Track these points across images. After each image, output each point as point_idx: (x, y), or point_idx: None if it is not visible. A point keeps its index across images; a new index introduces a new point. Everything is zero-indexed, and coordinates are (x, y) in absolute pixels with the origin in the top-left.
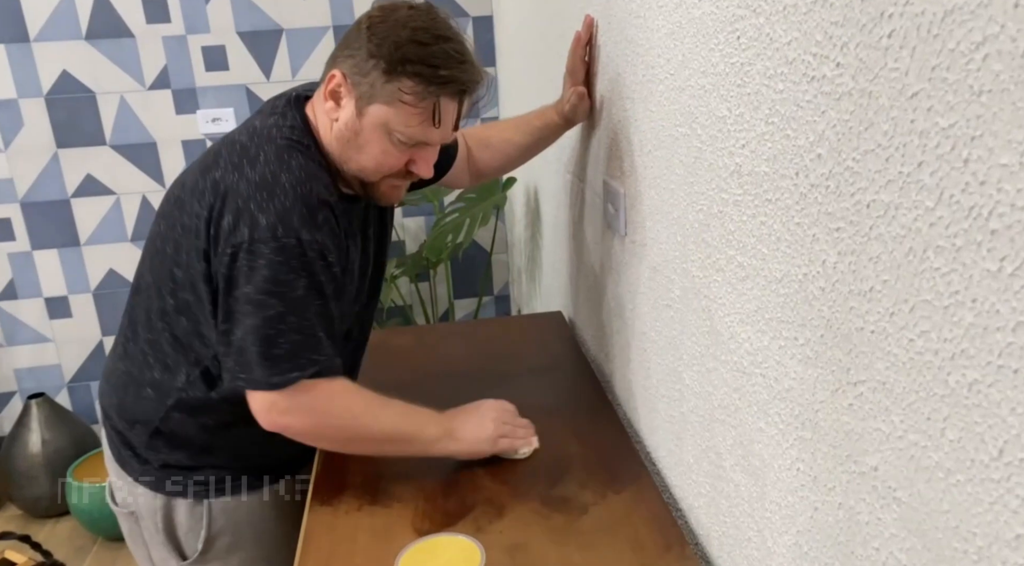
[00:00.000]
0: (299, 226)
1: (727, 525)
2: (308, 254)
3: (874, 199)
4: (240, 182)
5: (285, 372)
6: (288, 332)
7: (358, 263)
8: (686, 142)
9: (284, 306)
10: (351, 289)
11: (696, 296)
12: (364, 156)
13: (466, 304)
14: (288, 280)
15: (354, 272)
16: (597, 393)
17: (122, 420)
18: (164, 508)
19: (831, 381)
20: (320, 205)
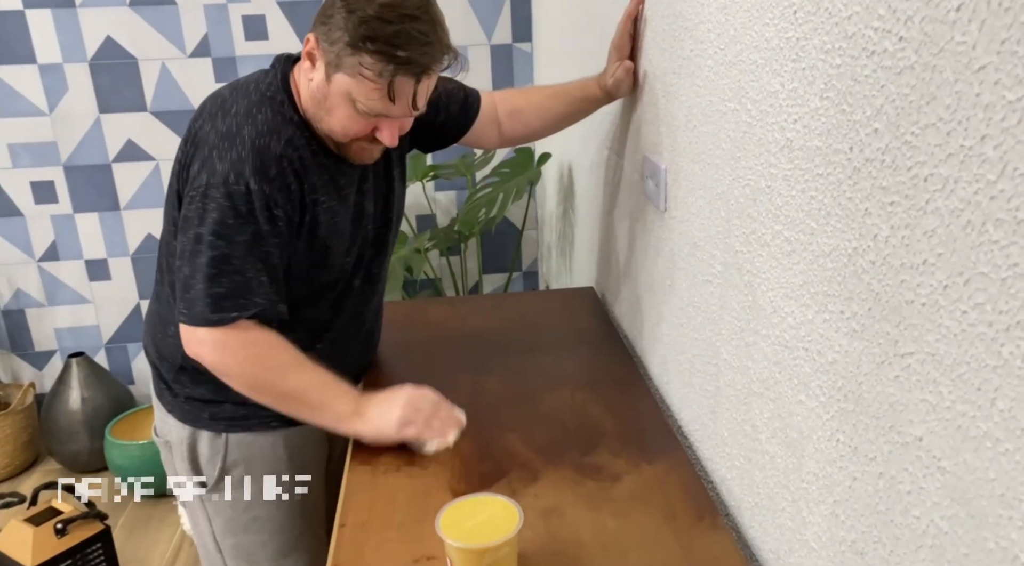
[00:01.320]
0: (250, 176)
1: (760, 496)
2: (255, 202)
3: (932, 173)
4: (211, 132)
5: (226, 310)
6: (231, 273)
7: (346, 216)
8: (734, 117)
9: (229, 249)
10: (338, 242)
11: (738, 271)
12: (332, 119)
13: (495, 279)
14: (234, 224)
15: (338, 225)
16: (628, 367)
17: (156, 356)
18: (190, 438)
19: (877, 353)
20: (276, 159)
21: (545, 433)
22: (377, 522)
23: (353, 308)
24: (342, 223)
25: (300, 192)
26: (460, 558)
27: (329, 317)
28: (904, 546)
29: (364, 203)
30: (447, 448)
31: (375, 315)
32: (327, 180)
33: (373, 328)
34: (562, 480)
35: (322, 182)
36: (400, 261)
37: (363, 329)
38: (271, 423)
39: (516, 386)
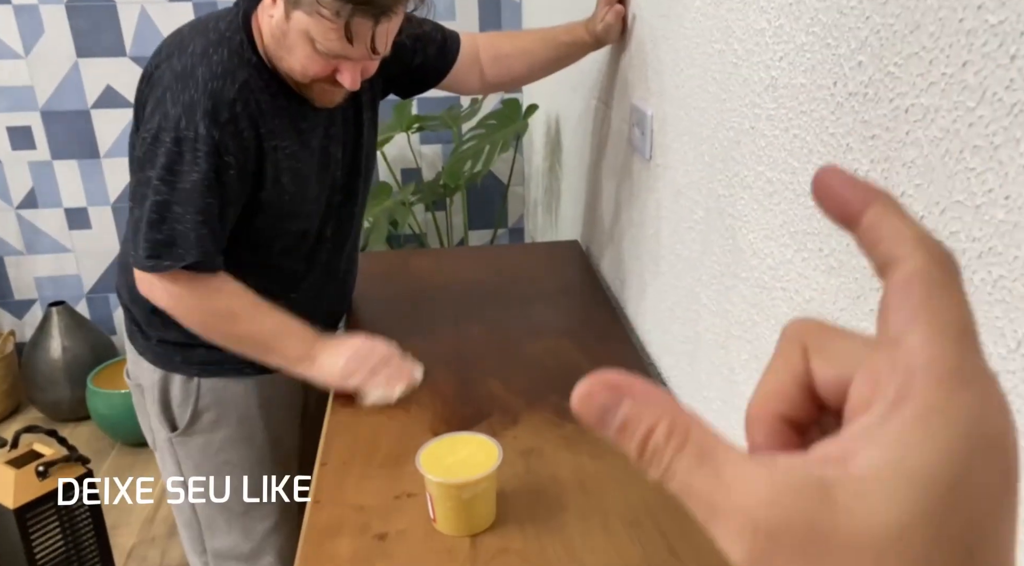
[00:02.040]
0: (200, 119)
1: (738, 439)
2: (202, 148)
3: (913, 103)
4: (166, 72)
5: (161, 258)
6: (171, 221)
7: (311, 161)
8: (720, 58)
9: (172, 196)
10: (303, 188)
11: (720, 215)
12: (292, 59)
13: (481, 235)
14: (180, 171)
15: (301, 171)
16: (611, 317)
17: (128, 299)
18: (162, 381)
19: (854, 288)
20: (229, 103)
21: (526, 378)
22: (358, 461)
23: (326, 257)
24: (307, 168)
25: (256, 138)
26: (439, 493)
27: (304, 268)
28: None
29: (331, 148)
30: (388, 401)
31: (348, 262)
32: (287, 124)
33: (347, 276)
34: (542, 422)
35: (282, 126)
36: (384, 213)
37: (337, 277)
38: (244, 369)
39: (498, 335)
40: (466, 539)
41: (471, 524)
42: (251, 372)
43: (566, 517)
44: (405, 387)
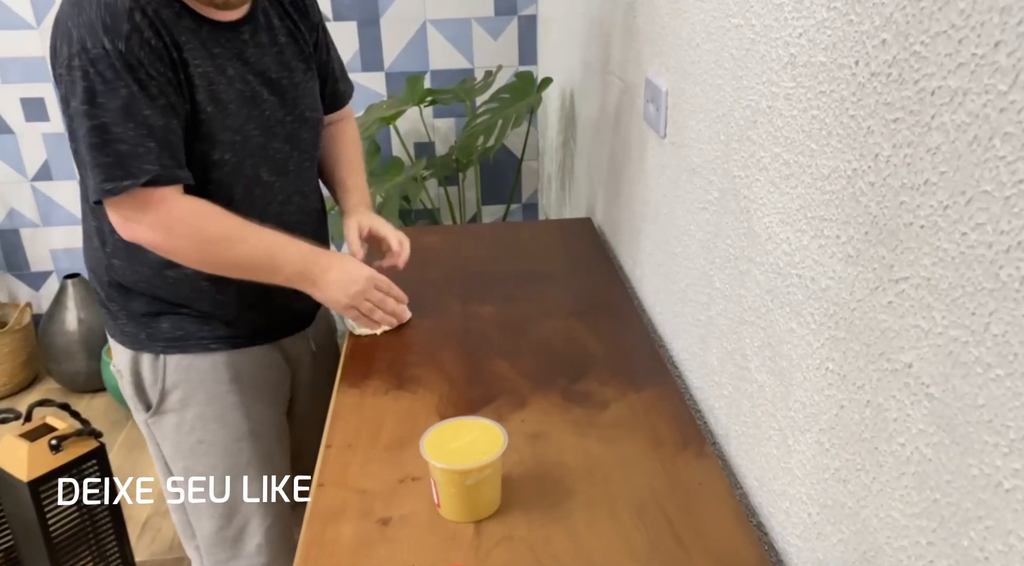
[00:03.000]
0: (103, 35)
1: (747, 424)
2: (115, 63)
3: (940, 85)
4: (64, 7)
5: (117, 179)
6: (114, 142)
7: (229, 89)
8: (738, 34)
9: (107, 116)
10: (220, 112)
11: (735, 197)
12: None
13: (494, 210)
14: (104, 90)
15: (217, 94)
16: (622, 297)
17: (92, 276)
18: (132, 362)
19: (871, 279)
20: (126, 13)
21: (534, 360)
22: (363, 443)
23: (276, 209)
24: (224, 94)
25: (165, 48)
26: (443, 479)
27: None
28: (887, 473)
29: (253, 83)
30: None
31: (306, 221)
32: (197, 44)
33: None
34: (549, 406)
35: (192, 44)
36: (397, 188)
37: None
38: (210, 345)
39: (508, 313)
40: (470, 525)
41: (475, 510)
42: (217, 346)
43: (572, 504)
44: (389, 326)
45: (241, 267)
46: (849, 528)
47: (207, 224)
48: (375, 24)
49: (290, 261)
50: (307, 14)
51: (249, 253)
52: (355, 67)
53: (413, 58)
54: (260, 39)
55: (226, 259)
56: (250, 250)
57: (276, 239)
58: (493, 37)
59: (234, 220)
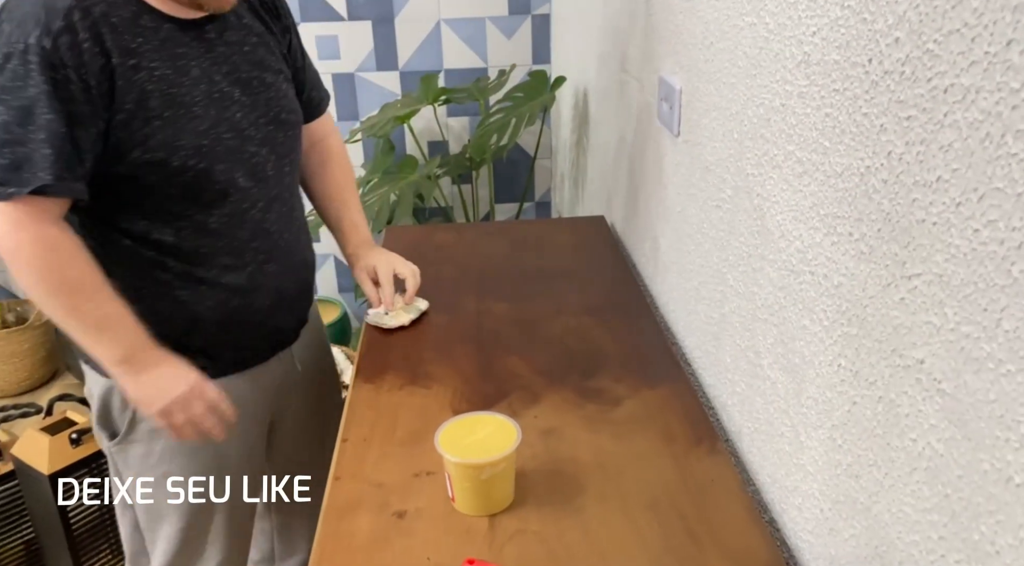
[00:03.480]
0: (31, 31)
1: (760, 421)
2: (32, 59)
3: (953, 83)
4: (8, 2)
5: (5, 184)
6: (12, 143)
7: (192, 90)
8: (752, 32)
9: (8, 115)
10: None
11: (748, 195)
12: None
13: (507, 209)
14: (13, 87)
15: (178, 98)
16: (635, 295)
17: None
18: (105, 390)
19: (884, 276)
20: (64, 11)
21: (548, 357)
22: (378, 438)
23: (255, 216)
24: (187, 96)
25: (102, 53)
26: (458, 473)
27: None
28: (899, 469)
29: (221, 83)
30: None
31: (289, 230)
32: (157, 45)
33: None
34: (562, 402)
35: (151, 46)
36: (410, 187)
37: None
38: None
39: (521, 310)
40: (484, 519)
41: (489, 504)
42: None
43: (585, 499)
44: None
45: (71, 322)
46: (861, 524)
47: (69, 264)
48: (389, 23)
49: (119, 340)
50: (279, 15)
51: (89, 311)
52: (369, 66)
53: (427, 57)
54: (229, 37)
55: (66, 306)
56: (94, 310)
57: (117, 313)
58: (507, 36)
59: (98, 275)
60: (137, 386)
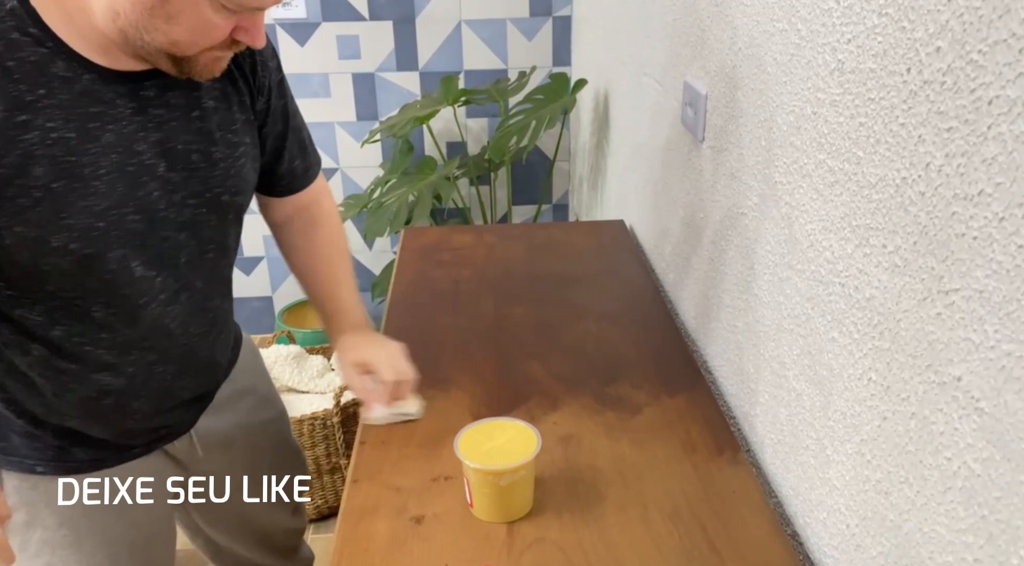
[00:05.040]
0: None
1: (784, 433)
2: None
3: (998, 95)
4: None
5: None
6: None
7: (99, 160)
8: (783, 38)
9: None
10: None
11: (776, 203)
12: (176, 27)
13: (525, 210)
14: None
15: (75, 169)
16: (655, 301)
17: None
18: None
19: (919, 290)
20: None
21: (567, 362)
22: (397, 441)
23: (154, 311)
24: (89, 167)
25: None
26: (477, 479)
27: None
28: (932, 487)
29: (144, 154)
30: None
31: (196, 324)
32: (65, 99)
33: (199, 345)
34: (582, 409)
35: (55, 100)
36: (429, 187)
37: (178, 344)
38: (58, 466)
39: (540, 315)
40: (503, 526)
41: (508, 511)
42: (58, 473)
43: (604, 507)
44: None
45: None
46: (890, 541)
47: None
48: (410, 23)
49: None
50: (254, 73)
51: None
52: (390, 66)
53: (448, 58)
54: (173, 98)
55: None
56: None
57: None
58: (527, 38)
59: None
60: None
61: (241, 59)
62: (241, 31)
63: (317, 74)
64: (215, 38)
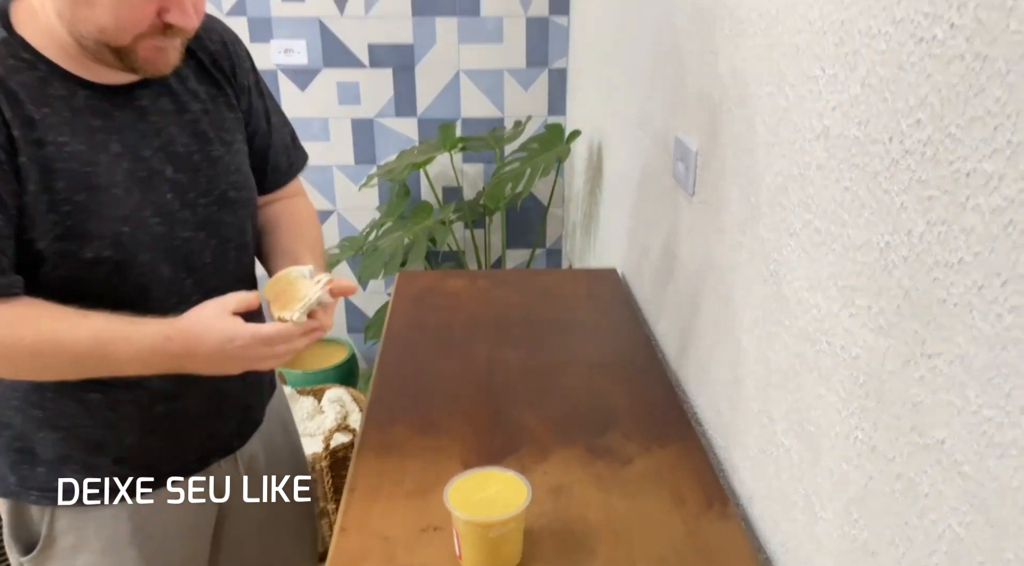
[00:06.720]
0: None
1: (772, 488)
2: None
3: (975, 168)
4: None
5: None
6: None
7: (113, 169)
8: (771, 101)
9: None
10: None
11: (764, 260)
12: (97, 11)
13: (518, 254)
14: None
15: (91, 177)
16: (647, 350)
17: None
18: (14, 506)
19: (903, 352)
20: None
21: (559, 411)
22: (386, 489)
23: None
24: (104, 176)
25: (4, 124)
26: (467, 531)
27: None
28: (918, 549)
29: (151, 159)
30: None
31: None
32: (66, 116)
33: None
34: (573, 459)
35: (57, 118)
36: (424, 232)
37: None
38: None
39: (533, 362)
40: None
41: (497, 563)
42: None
43: (593, 561)
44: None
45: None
46: None
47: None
48: (410, 71)
49: (131, 354)
50: (235, 74)
51: (74, 364)
52: (389, 112)
53: (446, 105)
54: (164, 105)
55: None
56: (73, 360)
57: (98, 337)
58: (524, 88)
59: (47, 327)
60: (201, 370)
61: (220, 61)
62: (165, 11)
63: (317, 118)
64: (139, 20)
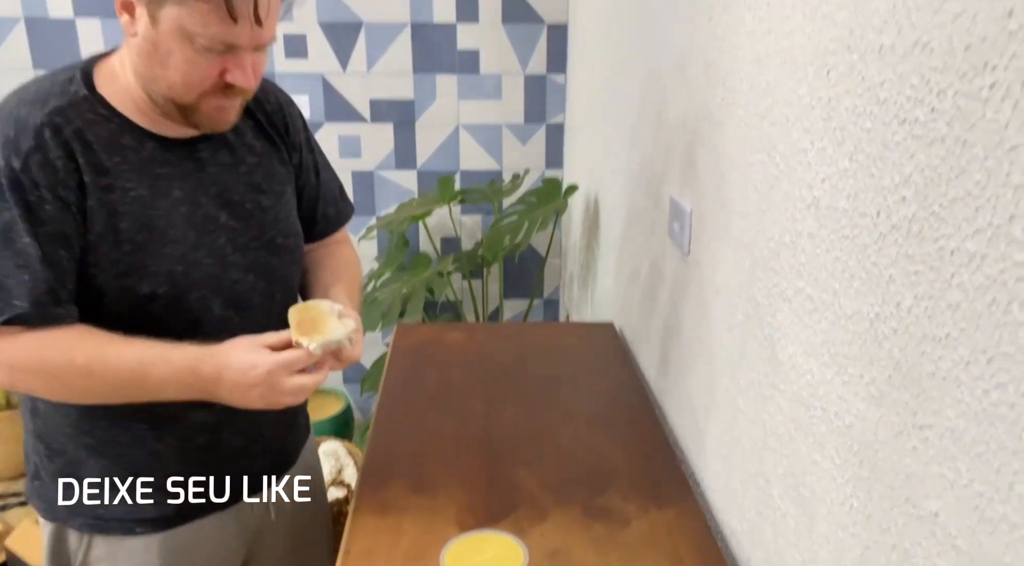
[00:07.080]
0: (0, 151)
1: (770, 553)
2: (3, 182)
3: (958, 247)
4: None
5: None
6: None
7: (172, 213)
8: (762, 169)
9: None
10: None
11: (759, 323)
12: (169, 71)
13: (516, 305)
14: None
15: (153, 220)
16: (645, 408)
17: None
18: (57, 531)
19: (896, 422)
20: (35, 129)
21: (556, 470)
22: (382, 551)
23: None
24: (164, 219)
25: (75, 170)
26: None
27: None
28: None
29: (207, 206)
30: None
31: None
32: (136, 164)
33: None
34: (570, 521)
35: (129, 165)
36: (422, 283)
37: None
38: (135, 528)
39: (530, 419)
40: None
41: None
42: (145, 530)
43: None
44: None
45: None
46: None
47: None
48: (410, 126)
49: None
50: (287, 132)
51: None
52: (389, 165)
53: (445, 158)
54: (223, 158)
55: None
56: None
57: (140, 362)
58: (522, 142)
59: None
60: (228, 396)
61: (275, 120)
62: (228, 72)
63: None
64: (204, 79)
